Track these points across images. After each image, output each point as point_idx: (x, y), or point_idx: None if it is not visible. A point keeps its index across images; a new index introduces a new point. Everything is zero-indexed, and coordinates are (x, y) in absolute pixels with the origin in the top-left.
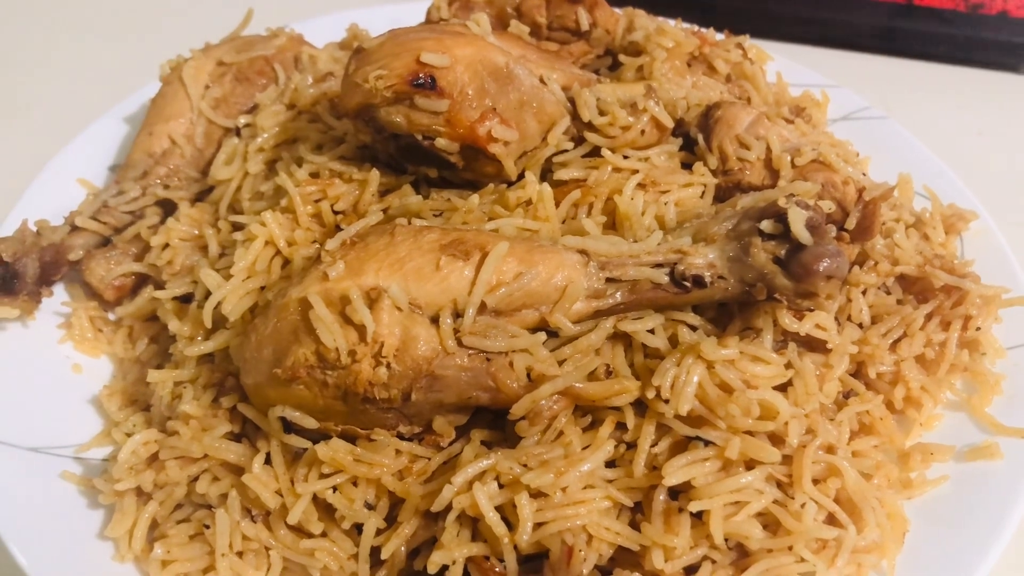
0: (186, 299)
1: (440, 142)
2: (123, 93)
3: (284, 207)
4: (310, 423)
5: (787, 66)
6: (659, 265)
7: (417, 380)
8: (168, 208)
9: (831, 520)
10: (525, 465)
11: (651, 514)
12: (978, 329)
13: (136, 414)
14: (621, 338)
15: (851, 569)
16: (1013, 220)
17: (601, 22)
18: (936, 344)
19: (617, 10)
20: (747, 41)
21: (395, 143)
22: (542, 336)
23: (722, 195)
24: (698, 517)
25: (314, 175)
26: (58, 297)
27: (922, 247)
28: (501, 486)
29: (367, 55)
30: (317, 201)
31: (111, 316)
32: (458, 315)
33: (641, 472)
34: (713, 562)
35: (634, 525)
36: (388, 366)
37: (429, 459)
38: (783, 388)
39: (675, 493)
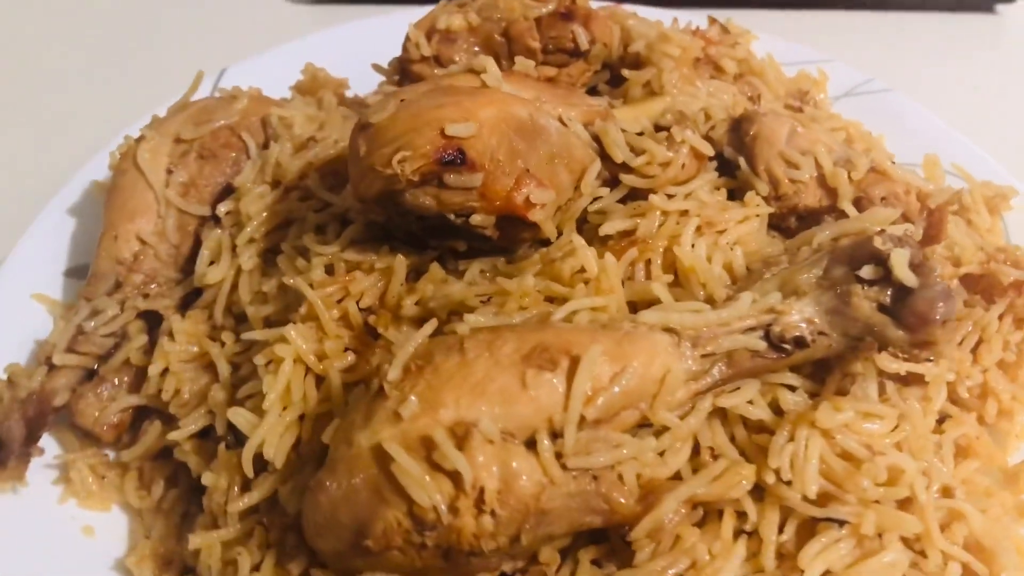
0: (203, 433)
1: (475, 218)
2: (57, 176)
3: (304, 315)
4: None
5: (772, 43)
6: (751, 329)
7: (525, 521)
8: (151, 320)
9: (967, 572)
10: None
11: None
12: None
13: None
14: (716, 413)
15: None
16: None
17: (599, 36)
18: (1013, 345)
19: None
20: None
21: (419, 222)
22: (651, 442)
23: (775, 222)
24: None
25: (327, 269)
26: (46, 447)
27: (981, 241)
28: None
29: (379, 133)
30: (339, 301)
31: (110, 455)
32: (555, 435)
33: (773, 566)
34: None
35: None
36: (493, 513)
37: None
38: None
39: None
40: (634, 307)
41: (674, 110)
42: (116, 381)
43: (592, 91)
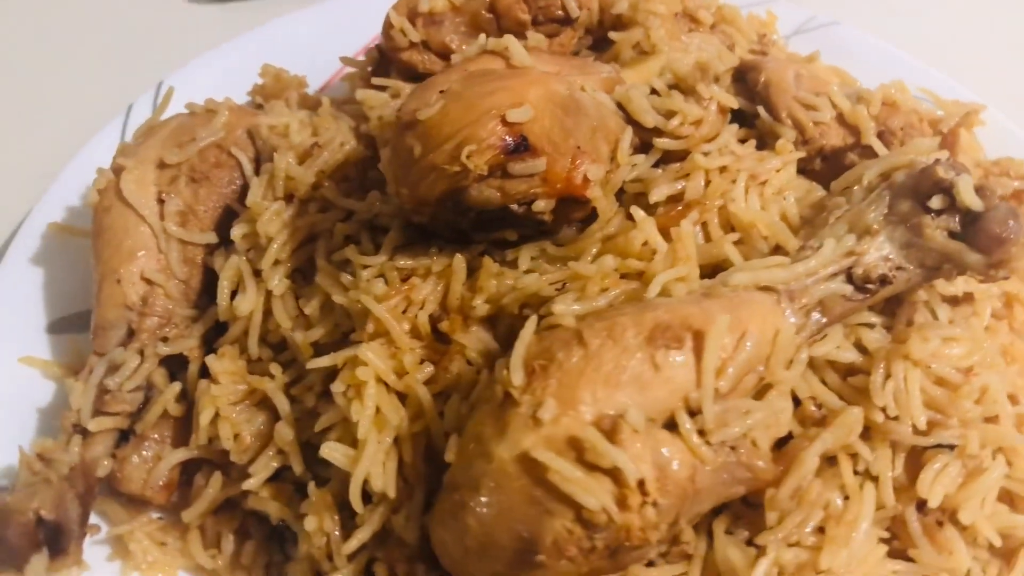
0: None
1: (538, 204)
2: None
3: (372, 332)
4: None
5: None
6: (834, 275)
7: (684, 505)
8: (174, 365)
9: None
10: (798, 543)
11: (913, 539)
12: None
13: None
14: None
15: None
16: (999, 94)
17: (583, 1)
18: None
19: None
20: None
21: (470, 218)
22: (780, 403)
23: (801, 166)
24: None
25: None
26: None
27: (975, 158)
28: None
29: (434, 130)
30: (403, 312)
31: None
32: (691, 413)
33: (892, 500)
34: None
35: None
36: (655, 504)
37: (685, 573)
38: None
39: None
40: (703, 273)
41: (678, 66)
42: (157, 437)
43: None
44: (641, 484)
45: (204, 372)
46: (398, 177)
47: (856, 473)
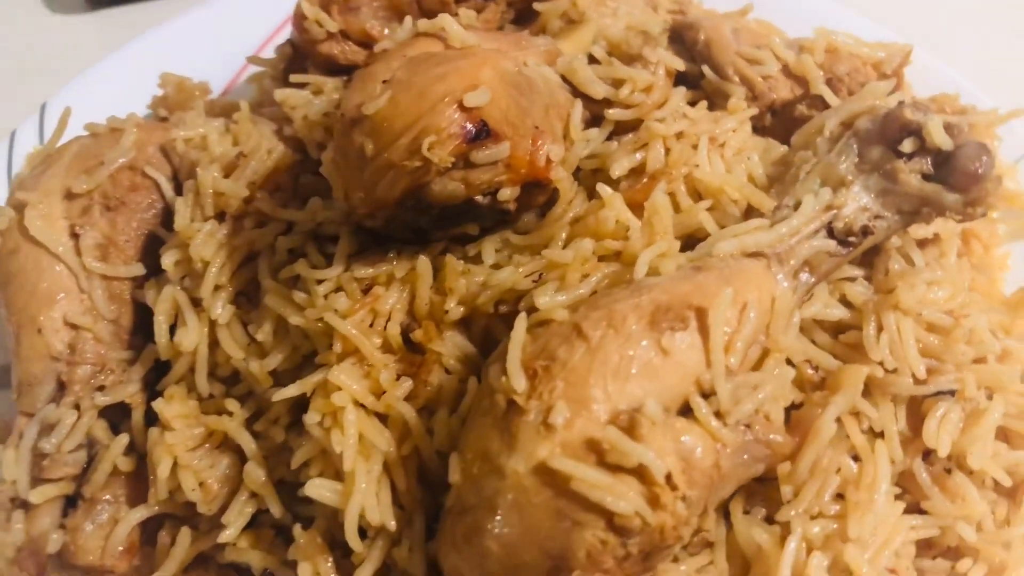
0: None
1: (503, 194)
2: None
3: (340, 352)
4: None
5: None
6: (816, 232)
7: (714, 495)
8: (114, 415)
9: None
10: (820, 514)
11: (924, 491)
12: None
13: None
14: None
15: None
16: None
17: None
18: None
19: None
20: None
21: (429, 216)
22: (789, 372)
23: (754, 123)
24: None
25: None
26: None
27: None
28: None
29: (385, 124)
30: (370, 325)
31: None
32: (705, 394)
33: (901, 455)
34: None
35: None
36: (684, 498)
37: (711, 562)
38: None
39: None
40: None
41: (611, 33)
42: (109, 498)
43: None
44: (668, 479)
45: (151, 418)
46: (349, 181)
47: (863, 431)
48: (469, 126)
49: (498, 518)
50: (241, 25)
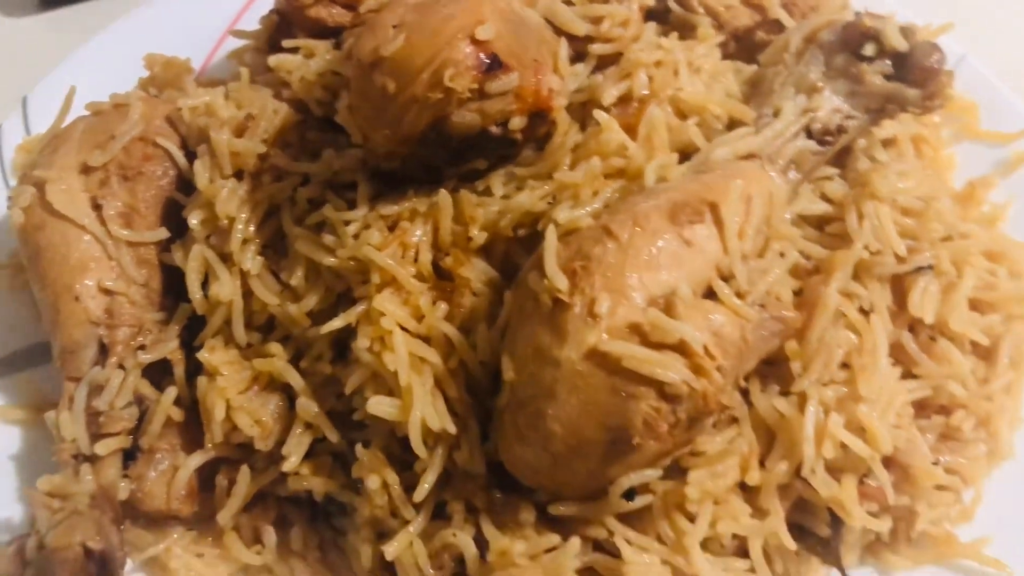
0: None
1: (514, 122)
2: None
3: (379, 283)
4: (654, 475)
5: None
6: (797, 134)
7: (742, 365)
8: (152, 373)
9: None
10: (831, 381)
11: (913, 359)
12: None
13: None
14: None
15: None
16: None
17: None
18: None
19: None
20: None
21: (447, 150)
22: (793, 256)
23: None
24: None
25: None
26: None
27: None
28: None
29: (405, 62)
30: (401, 257)
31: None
32: (725, 278)
33: (891, 327)
34: None
35: None
36: (720, 367)
37: (740, 434)
38: None
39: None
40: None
41: None
42: (167, 447)
43: None
44: (706, 350)
45: (193, 372)
46: (372, 121)
47: (857, 310)
48: (483, 57)
49: (558, 403)
50: (207, 8)
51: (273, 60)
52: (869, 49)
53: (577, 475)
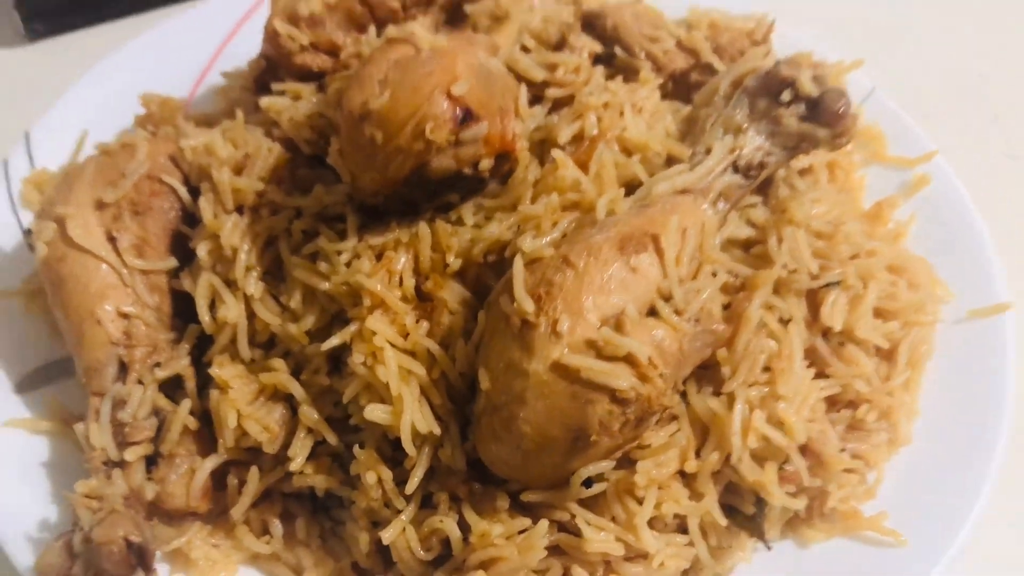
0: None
1: (483, 164)
2: None
3: (370, 305)
4: (607, 466)
5: None
6: (725, 170)
7: (680, 372)
8: (167, 388)
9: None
10: (755, 383)
11: (825, 361)
12: None
13: None
14: None
15: None
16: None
17: None
18: None
19: None
20: None
21: (422, 189)
22: (722, 277)
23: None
24: None
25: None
26: None
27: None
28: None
29: (391, 116)
30: (388, 282)
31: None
32: (665, 298)
33: (805, 336)
34: None
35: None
36: (662, 375)
37: (679, 429)
38: None
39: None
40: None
41: (532, 26)
42: (184, 452)
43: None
44: (650, 361)
45: (203, 386)
46: (360, 166)
47: (777, 320)
48: (458, 111)
49: (528, 408)
50: (191, 40)
51: (264, 102)
52: (786, 95)
53: (544, 468)
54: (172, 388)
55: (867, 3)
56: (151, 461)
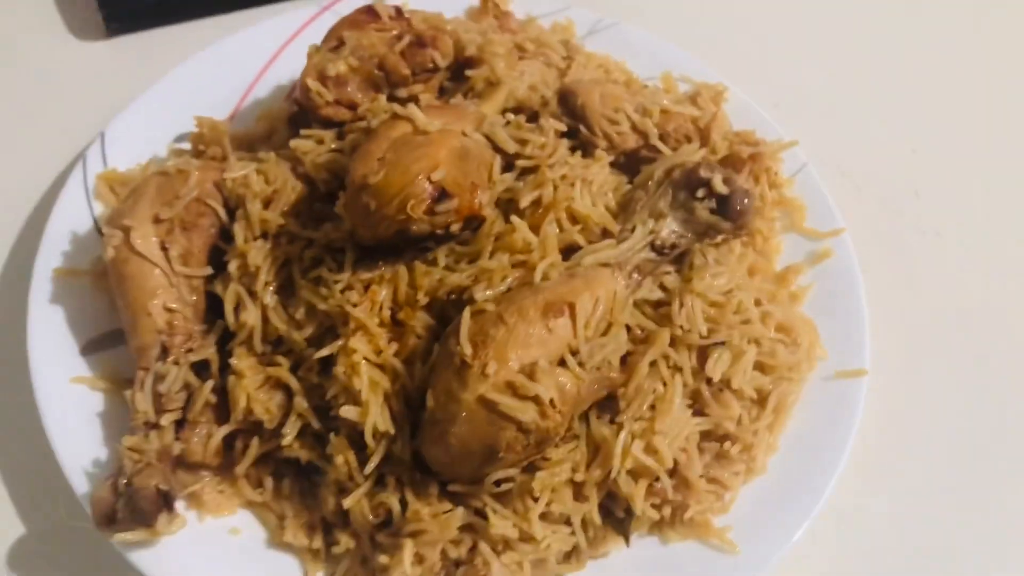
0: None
1: (453, 228)
2: None
3: (353, 328)
4: (514, 472)
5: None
6: (643, 247)
7: (578, 408)
8: (197, 367)
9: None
10: (641, 418)
11: (705, 402)
12: (776, 174)
13: (342, 535)
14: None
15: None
16: (742, 76)
17: (444, 51)
18: (757, 195)
19: None
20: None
21: (405, 241)
22: (622, 336)
23: (612, 162)
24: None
25: (347, 288)
26: None
27: (723, 132)
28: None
29: (383, 190)
30: (370, 309)
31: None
32: (573, 353)
33: (691, 381)
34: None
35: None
36: (560, 412)
37: (576, 446)
38: None
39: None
40: (561, 252)
41: (519, 93)
42: (204, 420)
43: (441, 89)
44: (551, 402)
45: (223, 367)
46: (358, 223)
47: (669, 368)
48: (433, 192)
49: (457, 427)
50: (240, 61)
51: (293, 143)
52: (701, 192)
53: (465, 470)
54: (201, 369)
55: (818, 75)
56: (180, 425)
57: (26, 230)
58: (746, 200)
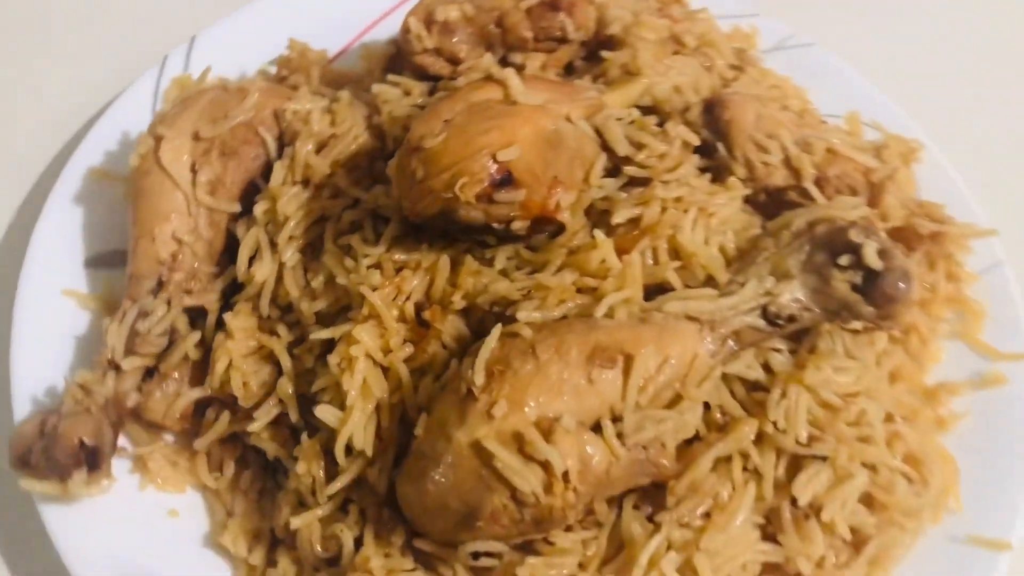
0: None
1: (515, 225)
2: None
3: (365, 315)
4: (501, 547)
5: None
6: (752, 310)
7: (603, 492)
8: (194, 314)
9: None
10: (688, 524)
11: (783, 527)
12: (959, 264)
13: (284, 558)
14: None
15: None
16: (949, 136)
17: (580, 22)
18: (928, 284)
19: None
20: None
21: (453, 227)
22: (692, 415)
23: (748, 197)
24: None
25: (376, 266)
26: None
27: (902, 197)
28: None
29: (435, 159)
30: (393, 299)
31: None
32: (615, 419)
33: (772, 495)
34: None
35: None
36: (575, 490)
37: (596, 537)
38: None
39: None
40: (647, 289)
41: (658, 91)
42: (177, 376)
43: (569, 67)
44: (565, 475)
45: (220, 323)
46: (401, 190)
47: (745, 470)
48: (496, 175)
49: (439, 470)
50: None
51: (376, 88)
52: (845, 260)
53: (436, 525)
54: (197, 317)
55: None
56: (149, 374)
57: (83, 130)
58: (902, 285)
